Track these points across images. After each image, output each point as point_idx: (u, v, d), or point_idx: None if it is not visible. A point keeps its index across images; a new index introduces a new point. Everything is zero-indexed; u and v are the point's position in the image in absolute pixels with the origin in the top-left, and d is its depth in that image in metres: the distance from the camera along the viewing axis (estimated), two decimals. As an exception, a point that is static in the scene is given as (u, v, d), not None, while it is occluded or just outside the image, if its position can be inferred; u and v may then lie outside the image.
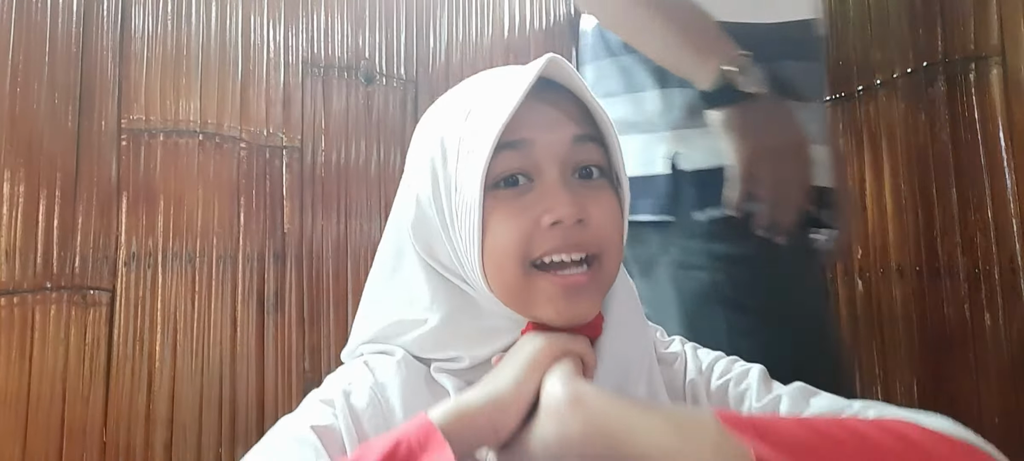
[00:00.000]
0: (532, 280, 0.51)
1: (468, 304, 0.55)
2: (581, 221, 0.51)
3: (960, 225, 0.67)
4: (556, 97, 0.54)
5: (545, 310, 0.52)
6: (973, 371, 0.67)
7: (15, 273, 0.80)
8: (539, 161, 0.52)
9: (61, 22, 0.86)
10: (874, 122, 0.76)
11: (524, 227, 0.51)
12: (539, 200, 0.51)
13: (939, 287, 0.69)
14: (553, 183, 0.52)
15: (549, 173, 0.52)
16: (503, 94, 0.52)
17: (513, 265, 0.51)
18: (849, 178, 0.79)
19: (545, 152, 0.52)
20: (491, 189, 0.52)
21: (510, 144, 0.51)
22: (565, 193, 0.51)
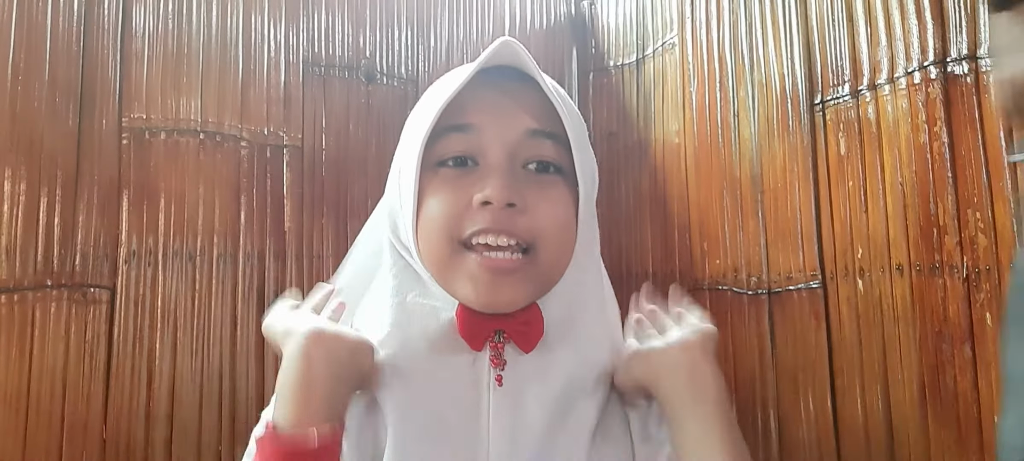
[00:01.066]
0: (459, 257, 0.52)
1: (416, 280, 0.56)
2: (513, 205, 0.50)
3: (960, 224, 0.67)
4: (517, 87, 0.54)
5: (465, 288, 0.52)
6: (973, 369, 0.67)
7: (15, 271, 0.80)
8: (484, 146, 0.52)
9: (62, 21, 0.86)
10: (874, 121, 0.76)
11: (458, 204, 0.51)
12: (477, 181, 0.51)
13: (939, 286, 0.69)
14: (494, 165, 0.52)
15: (493, 157, 0.52)
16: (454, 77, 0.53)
17: (440, 239, 0.52)
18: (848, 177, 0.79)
19: (493, 139, 0.52)
20: (437, 166, 0.53)
21: (457, 127, 0.52)
22: (502, 177, 0.51)
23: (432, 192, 0.53)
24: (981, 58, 0.66)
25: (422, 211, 0.53)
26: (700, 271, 1.00)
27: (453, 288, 0.53)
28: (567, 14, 1.26)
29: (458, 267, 0.52)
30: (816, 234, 0.83)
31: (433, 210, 0.52)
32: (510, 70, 0.54)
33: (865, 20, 0.78)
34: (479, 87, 0.53)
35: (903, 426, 0.73)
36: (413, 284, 0.56)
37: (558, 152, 0.54)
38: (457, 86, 0.51)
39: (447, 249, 0.52)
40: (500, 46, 0.51)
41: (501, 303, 0.52)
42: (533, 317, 0.54)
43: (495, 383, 0.53)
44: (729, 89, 0.95)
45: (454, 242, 0.52)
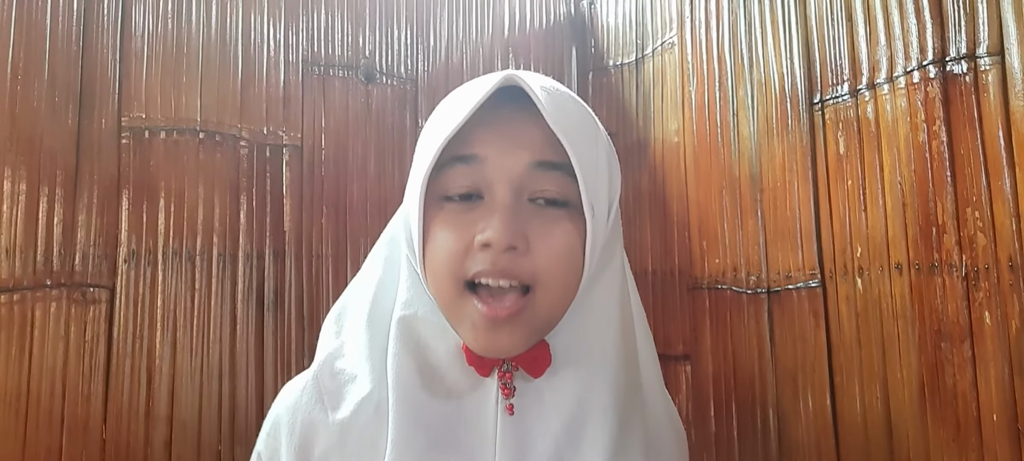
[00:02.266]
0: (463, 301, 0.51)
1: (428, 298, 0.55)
2: (514, 248, 0.49)
3: (959, 223, 0.68)
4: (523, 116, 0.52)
5: (466, 335, 0.51)
6: (972, 368, 0.67)
7: (15, 271, 0.80)
8: (491, 179, 0.51)
9: (61, 20, 0.86)
10: (873, 120, 0.76)
11: (461, 243, 0.50)
12: (481, 217, 0.50)
13: (938, 285, 0.69)
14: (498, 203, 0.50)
15: (499, 193, 0.51)
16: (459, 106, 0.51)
17: (446, 280, 0.51)
18: (847, 176, 0.80)
19: (497, 172, 0.51)
20: (443, 199, 0.52)
21: (462, 158, 0.51)
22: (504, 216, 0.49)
23: (438, 226, 0.52)
24: (980, 57, 0.66)
25: (429, 245, 0.52)
26: (699, 270, 1.00)
27: (456, 328, 0.53)
28: (566, 14, 1.26)
29: (461, 310, 0.51)
30: (815, 233, 0.83)
31: (438, 248, 0.52)
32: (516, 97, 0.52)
33: (864, 19, 0.78)
34: (486, 114, 0.51)
35: (902, 425, 0.73)
36: (425, 301, 0.55)
37: (565, 183, 0.52)
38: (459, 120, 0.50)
39: (452, 290, 0.51)
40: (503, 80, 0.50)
41: (500, 351, 0.51)
42: (540, 352, 0.53)
43: (505, 412, 0.52)
44: (728, 88, 0.95)
45: (458, 282, 0.51)
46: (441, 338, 0.54)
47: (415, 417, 0.51)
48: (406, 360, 0.53)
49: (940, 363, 0.69)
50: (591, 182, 0.52)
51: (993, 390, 0.65)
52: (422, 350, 0.54)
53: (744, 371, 0.91)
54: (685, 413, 1.00)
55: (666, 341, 1.05)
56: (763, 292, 0.89)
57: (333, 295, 0.99)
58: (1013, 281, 0.63)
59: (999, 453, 0.64)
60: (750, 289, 0.91)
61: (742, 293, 0.92)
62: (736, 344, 0.93)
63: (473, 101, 0.49)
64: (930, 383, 0.70)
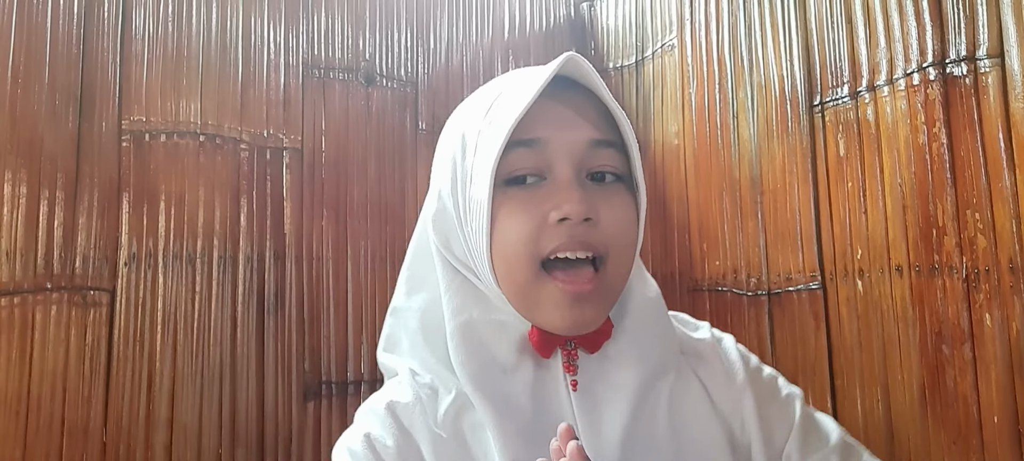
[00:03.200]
0: (540, 283, 0.52)
1: (479, 298, 0.56)
2: (589, 219, 0.51)
3: (959, 225, 0.68)
4: (576, 98, 0.54)
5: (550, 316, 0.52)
6: (973, 370, 0.67)
7: (16, 273, 0.80)
8: (552, 160, 0.52)
9: (62, 23, 0.86)
10: (873, 122, 0.77)
11: (533, 223, 0.51)
12: (549, 197, 0.51)
13: (938, 287, 0.69)
14: (564, 181, 0.52)
15: (561, 172, 0.52)
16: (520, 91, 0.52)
17: (522, 263, 0.52)
18: (847, 178, 0.80)
19: (559, 151, 0.52)
20: (503, 186, 0.52)
21: (524, 142, 0.52)
22: (575, 190, 0.51)
23: (506, 213, 0.52)
24: (980, 59, 0.66)
25: (496, 232, 0.52)
26: (700, 272, 1.00)
27: (536, 315, 0.53)
28: (566, 16, 1.26)
29: (538, 292, 0.52)
30: (815, 235, 0.83)
31: (510, 232, 0.52)
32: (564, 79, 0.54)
33: (864, 22, 0.78)
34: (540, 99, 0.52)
35: (903, 427, 0.73)
36: (475, 301, 0.56)
37: (617, 160, 0.54)
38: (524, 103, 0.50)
39: (529, 272, 0.52)
40: (566, 60, 0.51)
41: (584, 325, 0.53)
42: (604, 327, 0.55)
43: (570, 388, 0.54)
44: (728, 91, 0.96)
45: (535, 263, 0.51)
46: (500, 334, 0.55)
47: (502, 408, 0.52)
48: (472, 363, 0.54)
49: (941, 365, 0.69)
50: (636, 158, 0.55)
51: (994, 392, 0.65)
52: (486, 349, 0.54)
53: (745, 373, 0.91)
54: (686, 415, 1.00)
55: (666, 343, 1.05)
56: (763, 294, 0.89)
57: (333, 298, 0.99)
58: (1014, 283, 0.63)
59: (1000, 455, 0.64)
60: (750, 291, 0.91)
61: (742, 295, 0.92)
62: (737, 346, 0.93)
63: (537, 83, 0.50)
64: (931, 385, 0.70)
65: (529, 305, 0.53)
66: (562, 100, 0.54)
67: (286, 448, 0.94)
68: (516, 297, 0.53)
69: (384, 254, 1.03)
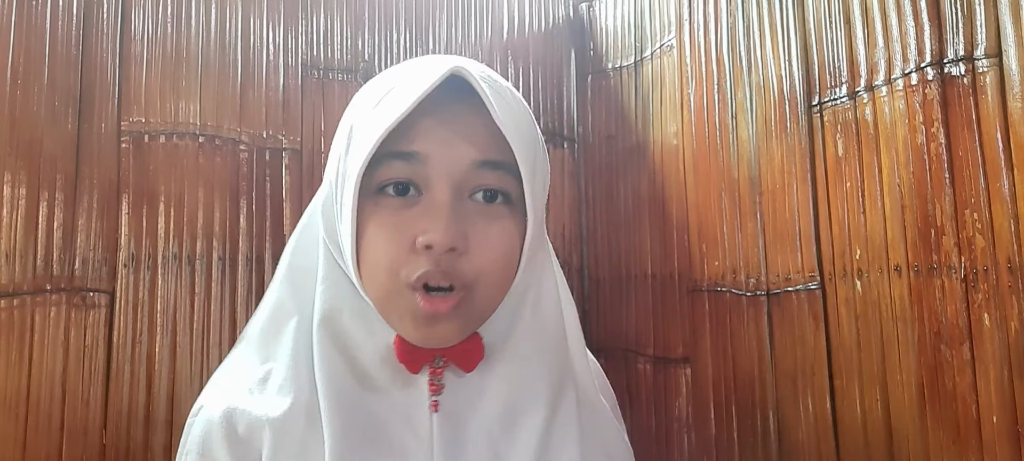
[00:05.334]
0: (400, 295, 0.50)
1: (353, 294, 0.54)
2: (454, 249, 0.48)
3: (957, 225, 0.68)
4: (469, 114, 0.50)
5: (404, 327, 0.51)
6: (971, 370, 0.67)
7: (15, 275, 0.81)
8: (430, 177, 0.50)
9: (61, 25, 0.86)
10: (871, 122, 0.77)
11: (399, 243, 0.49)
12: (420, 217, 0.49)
13: (937, 287, 0.69)
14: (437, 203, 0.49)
15: (438, 191, 0.49)
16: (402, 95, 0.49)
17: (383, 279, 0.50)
18: (846, 178, 0.80)
19: (438, 169, 0.49)
20: (378, 193, 0.50)
21: (402, 155, 0.49)
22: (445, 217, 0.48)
23: (374, 225, 0.50)
24: (978, 59, 0.66)
25: (363, 242, 0.50)
26: (698, 273, 1.00)
27: (392, 322, 0.52)
28: (565, 17, 1.26)
29: (398, 304, 0.50)
30: (814, 235, 0.83)
31: (375, 246, 0.50)
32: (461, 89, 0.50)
33: (862, 22, 0.78)
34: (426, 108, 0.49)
35: (902, 427, 0.73)
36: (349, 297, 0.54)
37: (506, 181, 0.52)
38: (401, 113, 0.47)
39: (390, 287, 0.50)
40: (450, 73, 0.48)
41: (438, 341, 0.51)
42: (473, 344, 0.53)
43: (431, 409, 0.52)
44: (727, 91, 0.96)
45: (396, 280, 0.50)
46: (369, 337, 0.53)
47: (348, 418, 0.50)
48: (335, 362, 0.52)
49: (940, 365, 0.69)
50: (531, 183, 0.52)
51: (993, 392, 0.65)
52: (351, 350, 0.53)
53: (744, 374, 0.91)
54: (685, 416, 1.00)
55: (666, 344, 1.05)
56: (762, 294, 0.89)
57: (333, 299, 0.99)
58: (1012, 283, 0.63)
59: (999, 455, 0.64)
60: (749, 292, 0.91)
61: (742, 296, 0.92)
62: (736, 347, 0.93)
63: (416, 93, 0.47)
64: (930, 385, 0.70)
65: (389, 315, 0.51)
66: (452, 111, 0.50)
67: (285, 449, 0.94)
68: (377, 305, 0.52)
69: (383, 255, 1.03)
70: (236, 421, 0.52)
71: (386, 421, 0.51)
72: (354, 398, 0.51)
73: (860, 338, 0.77)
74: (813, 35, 0.84)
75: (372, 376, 0.52)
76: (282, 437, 0.50)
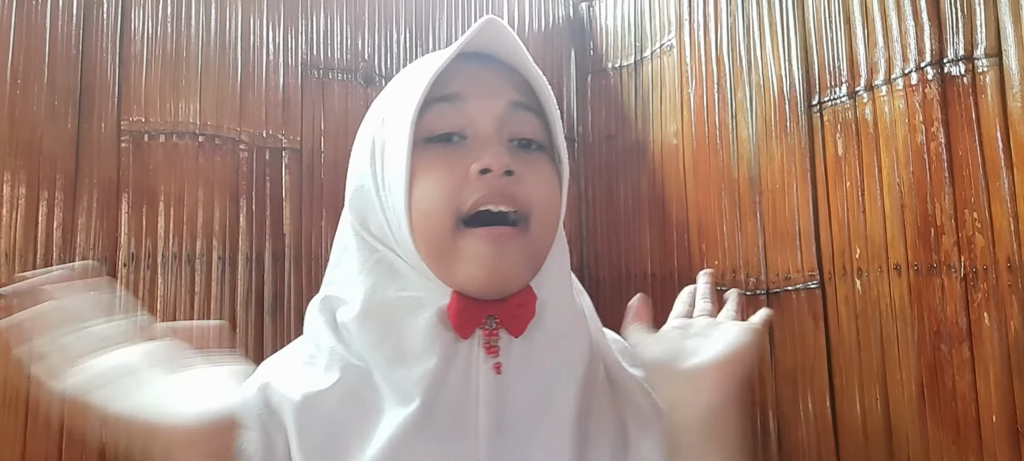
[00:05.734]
0: (459, 237, 0.49)
1: (395, 276, 0.53)
2: (511, 173, 0.49)
3: (957, 224, 0.68)
4: (496, 66, 0.54)
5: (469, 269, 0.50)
6: (971, 369, 0.67)
7: (14, 274, 0.80)
8: (473, 117, 0.52)
9: (61, 24, 0.86)
10: (871, 122, 0.77)
11: (453, 177, 0.50)
12: (470, 152, 0.50)
13: (937, 286, 0.70)
14: (487, 136, 0.51)
15: (483, 129, 0.52)
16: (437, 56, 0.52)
17: (441, 218, 0.49)
18: (846, 178, 0.80)
19: (479, 110, 0.52)
20: (423, 144, 0.51)
21: (444, 97, 0.51)
22: (496, 144, 0.51)
23: (424, 168, 0.50)
24: (978, 59, 0.66)
25: (415, 189, 0.50)
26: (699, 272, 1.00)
27: (455, 273, 0.51)
28: (565, 16, 1.26)
29: (458, 248, 0.50)
30: (814, 234, 0.83)
31: (429, 186, 0.50)
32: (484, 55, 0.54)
33: (862, 21, 0.78)
34: (460, 61, 0.52)
35: (902, 426, 0.73)
36: (391, 279, 0.53)
37: (539, 127, 0.54)
38: (444, 60, 0.50)
39: (449, 225, 0.49)
40: (485, 24, 0.50)
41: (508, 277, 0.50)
42: (527, 299, 0.53)
43: (492, 371, 0.52)
44: (727, 91, 0.96)
45: (455, 217, 0.49)
46: (417, 312, 0.52)
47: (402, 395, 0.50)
48: (383, 346, 0.52)
49: (939, 364, 0.69)
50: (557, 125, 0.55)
51: (992, 391, 0.65)
52: (397, 330, 0.52)
53: (744, 373, 0.91)
54: (685, 415, 1.00)
55: (666, 343, 1.05)
56: (762, 293, 0.89)
57: (333, 298, 0.99)
58: (1012, 282, 0.63)
59: (998, 454, 0.64)
60: (749, 291, 0.91)
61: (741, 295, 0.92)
62: (735, 346, 0.93)
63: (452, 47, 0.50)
64: (929, 384, 0.70)
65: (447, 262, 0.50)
66: (483, 65, 0.54)
67: (285, 448, 0.94)
68: (434, 255, 0.50)
69: (383, 254, 1.03)
70: (269, 394, 0.54)
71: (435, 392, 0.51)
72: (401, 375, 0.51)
73: (860, 337, 0.77)
74: (813, 35, 0.84)
75: (422, 351, 0.51)
76: (311, 414, 0.51)
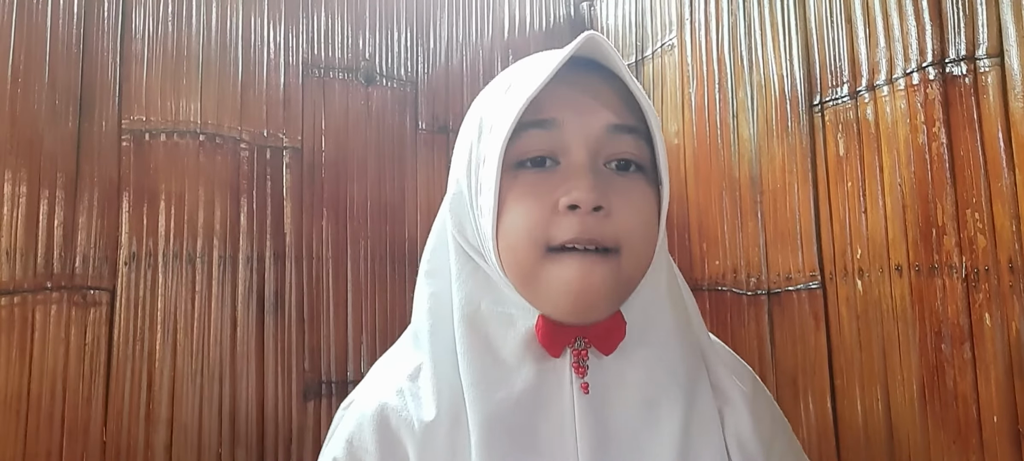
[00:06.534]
0: (545, 265, 0.48)
1: (490, 287, 0.53)
2: (601, 208, 0.48)
3: (958, 225, 0.68)
4: (597, 81, 0.51)
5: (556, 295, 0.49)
6: (972, 370, 0.67)
7: (15, 273, 0.81)
8: (568, 143, 0.49)
9: (62, 23, 0.86)
10: (873, 122, 0.77)
11: (541, 208, 0.48)
12: (561, 182, 0.49)
13: (938, 286, 0.69)
14: (578, 166, 0.49)
15: (576, 156, 0.49)
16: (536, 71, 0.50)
17: (526, 246, 0.49)
18: (847, 178, 0.80)
19: (575, 135, 0.49)
20: (516, 167, 0.50)
21: (539, 123, 0.49)
22: (588, 177, 0.48)
23: (514, 197, 0.49)
24: (979, 59, 0.66)
25: (504, 217, 0.50)
26: (699, 272, 1.00)
27: (541, 298, 0.50)
28: (566, 16, 1.26)
29: (545, 275, 0.49)
30: (815, 235, 0.83)
31: (517, 216, 0.49)
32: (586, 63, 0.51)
33: (863, 21, 0.78)
34: (558, 81, 0.49)
35: (903, 427, 0.73)
36: (485, 290, 0.53)
37: (639, 148, 0.51)
38: (541, 80, 0.48)
39: (535, 256, 0.49)
40: (586, 40, 0.49)
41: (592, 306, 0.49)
42: (615, 323, 0.52)
43: (581, 391, 0.51)
44: (728, 90, 0.96)
45: (541, 249, 0.49)
46: (509, 328, 0.52)
47: (492, 416, 0.50)
48: (476, 360, 0.51)
49: (940, 365, 0.69)
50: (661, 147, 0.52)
51: (993, 392, 0.65)
52: (491, 344, 0.52)
53: (744, 373, 0.91)
54: (685, 415, 1.00)
55: (666, 343, 1.05)
56: (763, 294, 0.89)
57: (333, 298, 0.99)
58: (1013, 282, 0.63)
59: (1000, 455, 0.64)
60: (750, 291, 0.91)
61: (742, 295, 0.92)
62: (736, 346, 0.93)
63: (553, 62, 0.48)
64: (930, 385, 0.70)
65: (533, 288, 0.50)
66: (581, 83, 0.51)
67: (286, 448, 0.94)
68: (520, 281, 0.50)
69: (384, 254, 1.03)
70: (388, 416, 0.52)
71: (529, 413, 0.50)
72: (497, 392, 0.50)
73: (861, 338, 0.77)
74: (814, 34, 0.84)
75: (514, 368, 0.51)
76: (431, 439, 0.50)
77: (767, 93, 0.90)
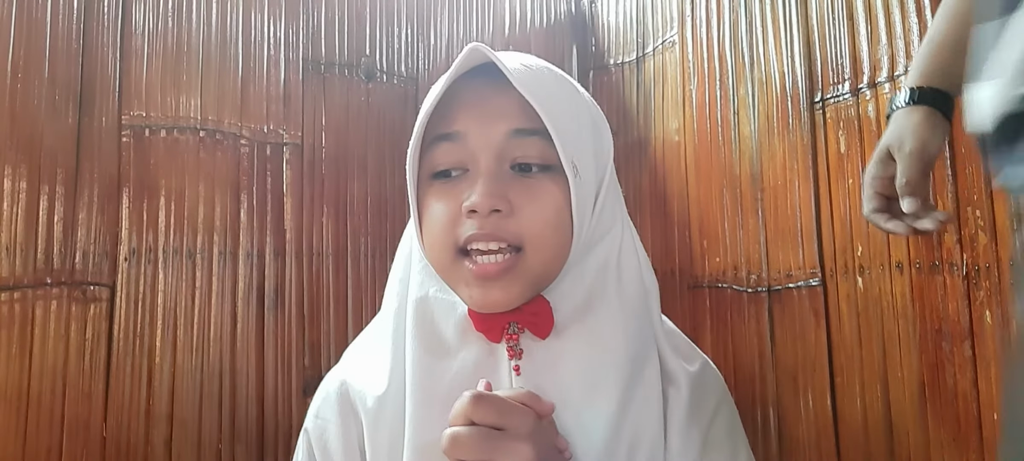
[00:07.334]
0: (457, 265, 0.55)
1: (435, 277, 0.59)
2: (498, 211, 0.52)
3: (959, 222, 0.68)
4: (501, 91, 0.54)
5: (463, 294, 0.55)
6: (972, 367, 0.67)
7: (16, 269, 0.80)
8: (474, 151, 0.55)
9: (61, 19, 0.86)
10: (874, 119, 0.76)
11: (449, 213, 0.54)
12: (466, 187, 0.54)
13: (939, 284, 0.69)
14: (480, 172, 0.54)
15: (482, 163, 0.54)
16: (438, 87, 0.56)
17: (441, 248, 0.55)
18: (848, 175, 0.79)
19: (478, 143, 0.54)
20: (430, 180, 0.57)
21: (447, 136, 0.55)
22: (486, 183, 0.53)
23: (430, 203, 0.56)
24: (981, 56, 0.66)
25: (424, 220, 0.57)
26: (700, 269, 1.00)
27: (456, 292, 0.56)
28: (567, 12, 1.26)
29: (457, 274, 0.55)
30: (816, 232, 0.83)
31: (433, 221, 0.55)
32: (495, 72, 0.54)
33: (865, 18, 0.78)
34: (464, 91, 0.55)
35: (902, 424, 0.73)
36: (434, 280, 0.59)
37: (544, 148, 0.54)
38: (434, 97, 0.54)
39: (448, 257, 0.55)
40: (469, 53, 0.53)
41: (494, 304, 0.54)
42: (540, 308, 0.55)
43: (514, 373, 0.55)
44: (729, 87, 0.95)
45: (453, 249, 0.54)
46: (450, 312, 0.57)
47: (430, 391, 0.55)
48: (420, 338, 0.57)
49: (941, 362, 0.69)
50: (570, 142, 0.54)
51: (994, 389, 0.65)
52: (435, 326, 0.57)
53: (744, 370, 0.91)
54: (685, 412, 1.00)
55: (666, 340, 1.05)
56: (764, 291, 0.89)
57: (333, 293, 0.99)
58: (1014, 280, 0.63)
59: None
60: (751, 288, 0.91)
61: (743, 292, 0.92)
62: (737, 343, 0.93)
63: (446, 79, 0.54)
64: (931, 382, 0.70)
65: (452, 283, 0.56)
66: (486, 93, 0.55)
67: (286, 443, 0.94)
68: (443, 278, 0.57)
69: (384, 250, 1.03)
70: (347, 390, 0.60)
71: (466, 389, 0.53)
72: (436, 369, 0.55)
73: (861, 335, 0.77)
74: (816, 31, 0.84)
75: (455, 350, 0.56)
76: (381, 410, 0.56)
77: (768, 90, 0.90)
